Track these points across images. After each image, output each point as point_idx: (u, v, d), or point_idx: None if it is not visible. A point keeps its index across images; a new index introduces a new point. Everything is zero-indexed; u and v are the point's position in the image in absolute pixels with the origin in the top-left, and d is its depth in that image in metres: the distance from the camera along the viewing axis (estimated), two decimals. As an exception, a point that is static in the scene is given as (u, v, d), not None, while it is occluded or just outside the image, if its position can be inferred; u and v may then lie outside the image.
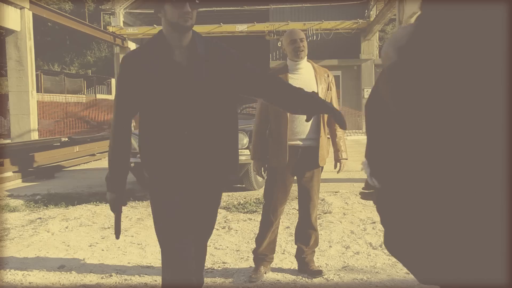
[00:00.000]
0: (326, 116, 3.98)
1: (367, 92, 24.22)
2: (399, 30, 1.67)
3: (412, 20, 17.71)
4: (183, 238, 2.57)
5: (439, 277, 1.45)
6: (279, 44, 23.13)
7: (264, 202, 4.09)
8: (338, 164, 4.10)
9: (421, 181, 1.45)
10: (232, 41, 30.48)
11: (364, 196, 2.02)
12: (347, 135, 19.80)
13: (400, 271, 4.00)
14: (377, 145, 1.75)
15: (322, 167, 4.05)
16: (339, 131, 4.10)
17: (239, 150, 7.30)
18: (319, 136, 3.92)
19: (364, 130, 20.97)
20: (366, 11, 24.37)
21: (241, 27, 24.65)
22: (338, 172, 4.12)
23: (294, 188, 4.14)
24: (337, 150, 4.09)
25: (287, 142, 3.87)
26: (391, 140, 1.61)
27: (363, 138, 18.83)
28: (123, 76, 2.55)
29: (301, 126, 3.90)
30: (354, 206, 6.30)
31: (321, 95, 3.91)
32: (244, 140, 7.36)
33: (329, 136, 4.11)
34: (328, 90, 4.01)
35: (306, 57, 4.01)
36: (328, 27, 24.13)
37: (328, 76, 4.07)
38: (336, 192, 7.24)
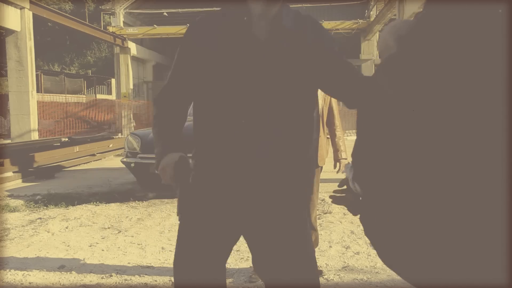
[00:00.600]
0: (325, 116, 3.98)
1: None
2: (398, 20, 1.64)
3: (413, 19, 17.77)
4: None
5: (435, 280, 1.44)
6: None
7: None
8: (338, 164, 4.11)
9: (413, 188, 1.41)
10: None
11: (336, 200, 1.86)
12: (348, 135, 19.80)
13: (400, 271, 3.99)
14: (367, 146, 1.62)
15: (322, 167, 4.05)
16: (339, 131, 4.10)
17: None
18: (318, 136, 3.92)
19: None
20: (366, 11, 24.39)
21: (241, 27, 24.65)
22: (337, 172, 4.12)
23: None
24: (336, 150, 4.09)
25: None
26: (383, 141, 1.53)
27: (363, 138, 18.81)
28: (186, 45, 2.06)
29: None
30: (354, 206, 6.30)
31: (319, 95, 3.91)
32: None
33: (328, 136, 4.11)
34: None
35: None
36: (328, 27, 24.11)
37: None
38: (336, 192, 7.24)
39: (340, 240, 4.92)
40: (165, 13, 26.22)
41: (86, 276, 4.08)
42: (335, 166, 4.12)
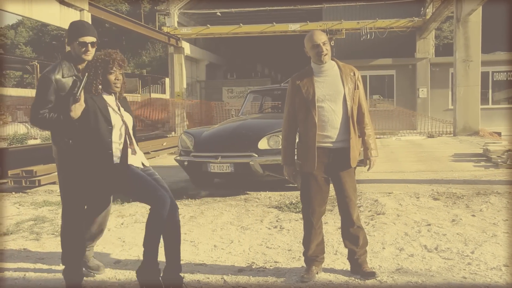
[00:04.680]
0: (355, 116, 3.92)
1: (422, 92, 23.70)
2: None
3: (471, 17, 17.24)
4: None
5: None
6: (332, 43, 22.94)
7: (302, 206, 4.08)
8: (368, 161, 4.02)
9: None
10: (285, 40, 30.48)
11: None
12: (402, 135, 19.45)
13: (456, 275, 3.89)
14: None
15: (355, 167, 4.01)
16: (369, 129, 4.01)
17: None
18: (349, 137, 3.87)
19: (418, 130, 20.55)
20: (422, 9, 23.87)
21: (294, 26, 24.61)
22: (368, 170, 4.03)
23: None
24: (366, 148, 4.01)
25: (316, 145, 3.85)
26: None
27: (417, 138, 18.46)
28: None
29: (332, 129, 3.87)
30: (409, 208, 6.17)
31: (348, 95, 3.88)
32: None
33: (360, 136, 4.05)
34: (355, 89, 3.94)
35: (330, 58, 3.95)
36: (383, 26, 23.78)
37: (354, 74, 3.98)
38: (389, 193, 7.12)
39: (394, 242, 4.83)
40: (218, 13, 26.46)
41: (140, 271, 4.15)
42: (365, 164, 4.04)
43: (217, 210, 6.46)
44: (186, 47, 26.82)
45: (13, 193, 7.61)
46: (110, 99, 3.72)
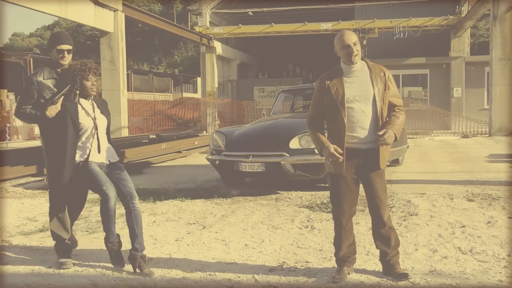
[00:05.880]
0: (385, 116, 3.87)
1: (456, 91, 23.30)
2: None
3: (508, 14, 16.87)
4: None
5: None
6: (364, 42, 22.75)
7: (332, 207, 4.05)
8: (383, 131, 3.77)
9: None
10: (316, 40, 30.35)
11: None
12: (435, 135, 19.17)
13: (492, 278, 3.81)
14: None
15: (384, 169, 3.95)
16: (400, 113, 3.90)
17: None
18: (379, 138, 3.83)
19: (452, 130, 20.22)
20: (457, 7, 23.46)
21: (326, 26, 24.50)
22: (381, 135, 3.76)
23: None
24: (387, 123, 3.86)
25: (345, 146, 3.81)
26: None
27: (451, 138, 18.16)
28: None
29: (361, 130, 3.83)
30: (442, 209, 6.07)
31: (378, 96, 3.83)
32: None
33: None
34: (385, 90, 3.87)
35: (360, 59, 3.89)
36: (416, 24, 23.49)
37: (384, 74, 3.92)
38: (422, 194, 7.02)
39: (427, 243, 4.76)
40: (250, 13, 26.51)
41: (172, 270, 4.20)
42: (380, 130, 3.82)
43: (248, 209, 6.47)
44: (218, 46, 26.95)
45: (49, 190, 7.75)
46: (85, 103, 4.34)
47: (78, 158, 4.24)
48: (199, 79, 34.79)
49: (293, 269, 4.17)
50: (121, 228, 4.96)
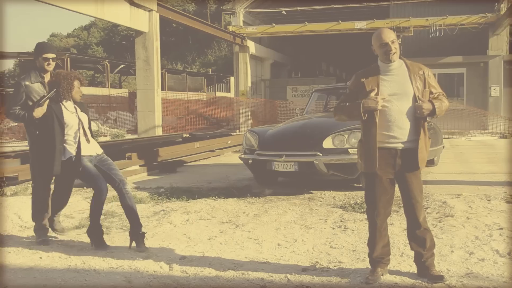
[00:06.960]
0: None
1: (494, 91, 22.80)
2: None
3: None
4: None
5: None
6: (399, 41, 22.45)
7: (367, 207, 4.02)
8: (428, 102, 3.75)
9: None
10: (351, 39, 30.12)
11: None
12: (472, 135, 18.81)
13: (530, 282, 3.72)
14: None
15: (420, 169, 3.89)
16: (443, 98, 3.86)
17: (351, 150, 7.15)
18: (418, 137, 3.76)
19: (490, 130, 19.81)
20: (496, 4, 22.94)
21: (360, 24, 24.28)
22: (420, 103, 3.73)
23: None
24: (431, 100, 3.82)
25: (381, 146, 3.77)
26: None
27: (488, 139, 17.79)
28: None
29: (398, 129, 3.77)
30: (479, 210, 5.95)
31: (417, 95, 3.77)
32: (353, 139, 7.20)
33: (429, 137, 3.92)
34: (424, 88, 3.81)
35: (398, 57, 3.83)
36: (453, 22, 23.06)
37: (423, 73, 3.85)
38: (458, 195, 6.89)
39: (463, 245, 4.67)
40: (283, 12, 26.47)
41: (205, 268, 4.22)
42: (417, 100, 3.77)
43: (281, 209, 6.46)
44: (251, 46, 27.00)
45: (85, 188, 7.88)
46: (68, 104, 4.96)
47: (72, 151, 4.84)
48: (232, 79, 34.94)
49: (326, 269, 4.14)
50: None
